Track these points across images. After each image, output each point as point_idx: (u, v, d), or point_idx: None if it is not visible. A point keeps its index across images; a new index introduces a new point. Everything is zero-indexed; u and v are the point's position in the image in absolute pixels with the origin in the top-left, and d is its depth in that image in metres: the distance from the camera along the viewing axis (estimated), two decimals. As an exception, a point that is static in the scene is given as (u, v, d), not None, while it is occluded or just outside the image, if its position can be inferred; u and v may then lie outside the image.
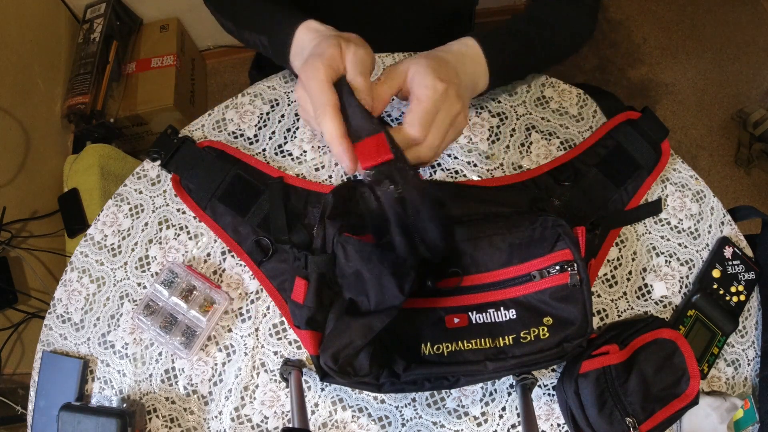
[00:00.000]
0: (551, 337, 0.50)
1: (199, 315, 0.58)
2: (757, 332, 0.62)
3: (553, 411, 0.58)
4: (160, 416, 0.58)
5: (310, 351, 0.51)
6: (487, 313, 0.52)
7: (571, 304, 0.50)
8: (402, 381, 0.49)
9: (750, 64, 1.76)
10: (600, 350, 0.53)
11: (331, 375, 0.48)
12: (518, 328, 0.51)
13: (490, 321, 0.52)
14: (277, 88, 0.68)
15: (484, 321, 0.52)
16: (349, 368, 0.47)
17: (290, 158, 0.65)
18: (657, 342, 0.54)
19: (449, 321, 0.52)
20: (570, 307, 0.50)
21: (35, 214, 1.17)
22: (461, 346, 0.51)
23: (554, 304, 0.51)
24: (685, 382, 0.53)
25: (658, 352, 0.54)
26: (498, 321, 0.52)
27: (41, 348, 0.61)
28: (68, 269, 0.63)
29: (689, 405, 0.53)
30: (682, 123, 1.68)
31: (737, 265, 0.62)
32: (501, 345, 0.51)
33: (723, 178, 1.62)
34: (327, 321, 0.50)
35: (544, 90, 0.68)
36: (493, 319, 0.52)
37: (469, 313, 0.52)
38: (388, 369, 0.49)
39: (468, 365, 0.50)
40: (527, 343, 0.50)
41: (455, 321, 0.52)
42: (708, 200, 0.66)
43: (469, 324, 0.52)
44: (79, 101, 1.30)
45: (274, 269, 0.59)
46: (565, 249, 0.51)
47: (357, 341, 0.47)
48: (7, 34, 1.17)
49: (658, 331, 0.55)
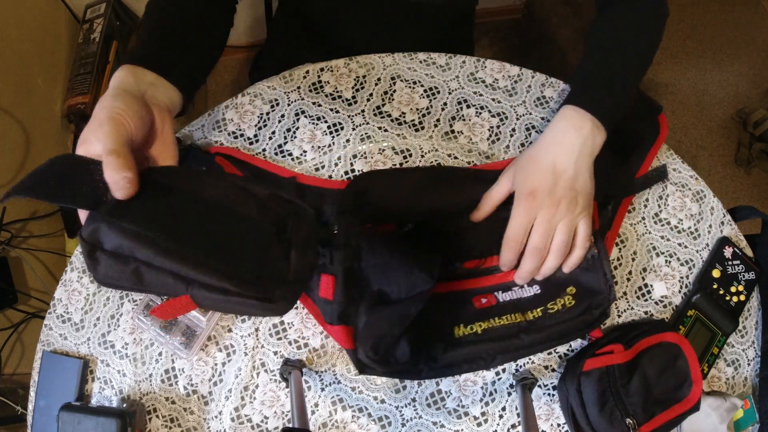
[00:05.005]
0: (577, 305, 0.53)
1: (199, 315, 0.58)
2: (757, 332, 0.62)
3: (553, 411, 0.58)
4: (160, 416, 0.58)
5: (346, 345, 0.51)
6: (512, 290, 0.55)
7: (592, 273, 0.53)
8: (440, 365, 0.50)
9: (750, 64, 1.76)
10: (604, 349, 0.54)
11: (372, 366, 0.48)
12: (544, 301, 0.54)
13: (517, 298, 0.55)
14: (277, 88, 0.68)
15: (511, 298, 0.55)
16: (390, 357, 0.48)
17: (290, 158, 0.65)
18: (662, 345, 0.54)
19: (477, 301, 0.55)
20: (591, 276, 0.53)
21: (35, 214, 1.17)
22: (494, 323, 0.53)
23: (575, 273, 0.54)
24: (688, 387, 0.53)
25: (662, 355, 0.54)
26: (524, 297, 0.55)
27: (41, 348, 0.61)
28: (68, 269, 0.63)
29: (690, 410, 0.53)
30: (682, 123, 1.68)
31: (737, 265, 0.62)
32: (531, 318, 0.53)
33: (723, 178, 1.62)
34: (358, 314, 0.50)
35: (544, 90, 0.68)
36: (519, 296, 0.55)
37: (495, 292, 0.55)
38: (425, 354, 0.50)
39: (503, 340, 0.51)
40: (555, 313, 0.53)
41: (483, 301, 0.55)
42: (708, 200, 0.66)
43: (497, 303, 0.55)
44: (79, 101, 1.30)
45: None
46: None
47: (394, 329, 0.47)
48: (7, 34, 1.17)
49: (663, 334, 0.55)
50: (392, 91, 0.67)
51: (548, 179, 0.51)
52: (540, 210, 0.51)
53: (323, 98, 0.67)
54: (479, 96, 0.68)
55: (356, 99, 0.67)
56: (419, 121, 0.66)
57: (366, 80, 0.68)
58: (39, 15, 1.30)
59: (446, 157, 0.65)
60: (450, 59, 0.69)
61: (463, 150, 0.65)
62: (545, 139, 0.55)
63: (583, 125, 0.53)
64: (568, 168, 0.52)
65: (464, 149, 0.65)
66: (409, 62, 0.69)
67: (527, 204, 0.51)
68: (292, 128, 0.66)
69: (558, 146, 0.53)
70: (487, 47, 1.73)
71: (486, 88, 0.68)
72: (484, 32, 1.74)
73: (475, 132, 0.66)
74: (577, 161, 0.52)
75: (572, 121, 0.54)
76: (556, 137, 0.54)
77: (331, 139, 0.65)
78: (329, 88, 0.67)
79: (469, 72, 0.69)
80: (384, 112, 0.66)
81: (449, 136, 0.66)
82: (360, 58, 0.69)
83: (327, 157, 0.65)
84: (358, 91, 0.67)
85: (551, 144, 0.54)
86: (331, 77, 0.68)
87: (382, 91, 0.67)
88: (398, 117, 0.66)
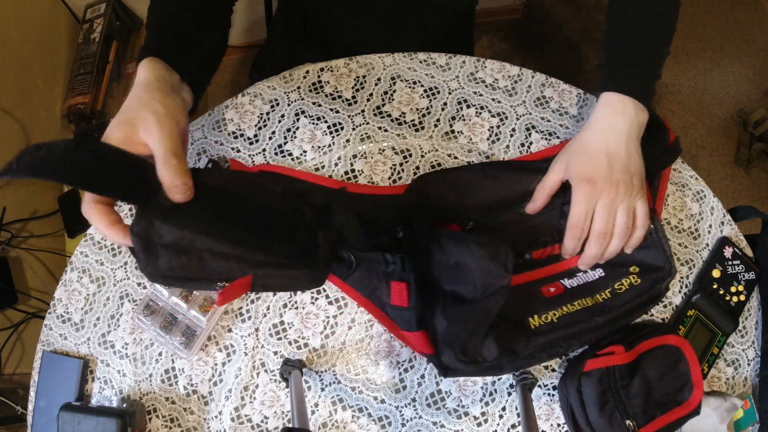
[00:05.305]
0: (643, 282, 0.54)
1: (199, 315, 0.58)
2: (757, 332, 0.62)
3: (553, 411, 0.58)
4: (160, 416, 0.58)
5: (427, 351, 0.51)
6: (577, 276, 0.56)
7: (651, 250, 0.55)
8: (521, 357, 0.50)
9: (750, 64, 1.76)
10: (605, 350, 0.54)
11: (458, 369, 0.49)
12: (610, 282, 0.55)
13: (584, 282, 0.56)
14: (277, 88, 0.68)
15: (578, 284, 0.56)
16: (478, 356, 0.49)
17: (290, 158, 0.65)
18: (663, 348, 0.54)
19: (546, 291, 0.56)
20: (651, 253, 0.55)
21: (35, 214, 1.17)
22: (567, 309, 0.54)
23: (636, 252, 0.55)
24: (688, 391, 0.53)
25: (663, 357, 0.54)
26: (590, 281, 0.56)
27: (41, 348, 0.61)
28: (68, 269, 0.63)
29: (690, 414, 0.52)
30: (682, 123, 1.68)
31: (737, 265, 0.62)
32: (601, 300, 0.54)
33: (723, 178, 1.62)
34: (434, 318, 0.50)
35: (544, 90, 0.68)
36: (585, 280, 0.56)
37: (561, 280, 0.56)
38: (506, 349, 0.50)
39: (579, 325, 0.52)
40: (624, 292, 0.54)
41: (551, 290, 0.56)
42: (708, 200, 0.65)
43: (565, 290, 0.56)
44: (79, 101, 1.30)
45: (358, 279, 0.58)
46: None
47: (479, 328, 0.48)
48: (7, 34, 1.17)
49: (665, 336, 0.55)
50: (392, 91, 0.67)
51: (603, 165, 0.52)
52: (600, 195, 0.52)
53: (323, 98, 0.67)
54: (479, 96, 0.68)
55: (356, 99, 0.67)
56: (419, 121, 0.66)
57: (366, 80, 0.68)
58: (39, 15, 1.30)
59: (446, 157, 0.65)
60: (450, 59, 0.69)
61: (463, 150, 0.65)
62: (592, 127, 0.56)
63: (626, 109, 0.54)
64: (620, 152, 0.53)
65: (464, 149, 0.65)
66: (409, 62, 0.69)
67: (587, 191, 0.52)
68: (292, 128, 0.66)
69: (607, 132, 0.54)
70: (487, 47, 1.73)
71: (486, 88, 0.68)
72: (484, 32, 1.74)
73: (475, 132, 0.66)
74: (628, 144, 0.54)
75: (615, 106, 0.55)
76: (602, 124, 0.55)
77: (331, 139, 0.65)
78: (329, 88, 0.67)
79: (469, 72, 0.69)
80: (384, 112, 0.66)
81: (449, 136, 0.66)
82: (360, 58, 0.69)
83: (327, 157, 0.65)
84: (358, 91, 0.67)
85: (600, 131, 0.55)
86: (331, 77, 0.68)
87: (382, 91, 0.67)
88: (398, 117, 0.66)
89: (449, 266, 0.49)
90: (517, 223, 0.58)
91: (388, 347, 0.59)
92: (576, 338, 0.52)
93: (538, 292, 0.55)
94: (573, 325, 0.52)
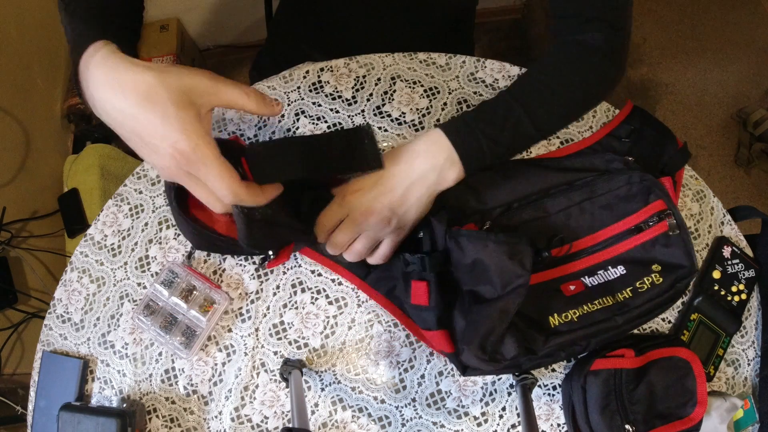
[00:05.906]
0: (665, 281, 0.54)
1: (199, 315, 0.58)
2: (757, 332, 0.62)
3: (553, 411, 0.58)
4: (160, 416, 0.58)
5: (447, 349, 0.51)
6: (597, 275, 0.56)
7: (673, 248, 0.54)
8: (540, 356, 0.50)
9: (750, 64, 1.76)
10: (615, 352, 0.53)
11: (477, 367, 0.49)
12: (632, 281, 0.55)
13: (604, 281, 0.55)
14: (277, 88, 0.68)
15: (599, 282, 0.55)
16: (497, 355, 0.49)
17: (290, 158, 0.65)
18: (673, 359, 0.54)
19: (566, 290, 0.55)
20: (674, 251, 0.54)
21: (35, 214, 1.17)
22: (587, 308, 0.54)
23: (658, 250, 0.55)
24: (691, 407, 0.52)
25: (671, 368, 0.53)
26: (611, 279, 0.55)
27: (41, 348, 0.61)
28: (68, 269, 0.63)
29: (690, 430, 0.52)
30: (682, 123, 1.68)
31: (737, 264, 0.62)
32: (622, 299, 0.54)
33: (723, 178, 1.62)
34: (453, 317, 0.50)
35: (544, 90, 0.68)
36: (606, 278, 0.55)
37: (582, 278, 0.56)
38: (525, 348, 0.50)
39: (599, 324, 0.52)
40: (645, 291, 0.54)
41: (571, 288, 0.55)
42: (708, 200, 0.65)
43: (585, 288, 0.55)
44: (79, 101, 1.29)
45: (378, 278, 0.59)
46: (658, 200, 0.54)
47: (498, 327, 0.47)
48: (7, 34, 1.17)
49: (676, 348, 0.54)
50: (392, 91, 0.67)
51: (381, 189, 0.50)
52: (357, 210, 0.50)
53: (323, 98, 0.67)
54: (479, 96, 0.68)
55: (356, 99, 0.67)
56: (419, 121, 0.66)
57: (366, 80, 0.68)
58: (39, 15, 1.30)
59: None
60: (450, 59, 0.69)
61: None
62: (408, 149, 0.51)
63: (438, 154, 0.50)
64: (397, 189, 0.50)
65: (464, 149, 0.65)
66: (409, 62, 0.69)
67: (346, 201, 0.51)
68: (292, 128, 0.66)
69: (404, 163, 0.50)
70: (487, 47, 1.73)
71: (486, 88, 0.68)
72: (484, 32, 1.74)
73: (475, 132, 0.66)
74: (410, 188, 0.50)
75: (429, 146, 0.50)
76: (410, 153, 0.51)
77: (331, 139, 0.65)
78: (329, 88, 0.67)
79: (469, 72, 0.69)
80: (384, 112, 0.66)
81: (449, 136, 0.66)
82: (360, 58, 0.69)
83: (327, 157, 0.64)
84: (358, 91, 0.67)
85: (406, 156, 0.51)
86: (331, 77, 0.68)
87: (382, 91, 0.67)
88: (398, 117, 0.66)
89: (467, 265, 0.49)
90: (534, 221, 0.58)
91: (388, 347, 0.59)
92: (595, 338, 0.52)
93: (557, 291, 0.55)
94: (593, 325, 0.52)
